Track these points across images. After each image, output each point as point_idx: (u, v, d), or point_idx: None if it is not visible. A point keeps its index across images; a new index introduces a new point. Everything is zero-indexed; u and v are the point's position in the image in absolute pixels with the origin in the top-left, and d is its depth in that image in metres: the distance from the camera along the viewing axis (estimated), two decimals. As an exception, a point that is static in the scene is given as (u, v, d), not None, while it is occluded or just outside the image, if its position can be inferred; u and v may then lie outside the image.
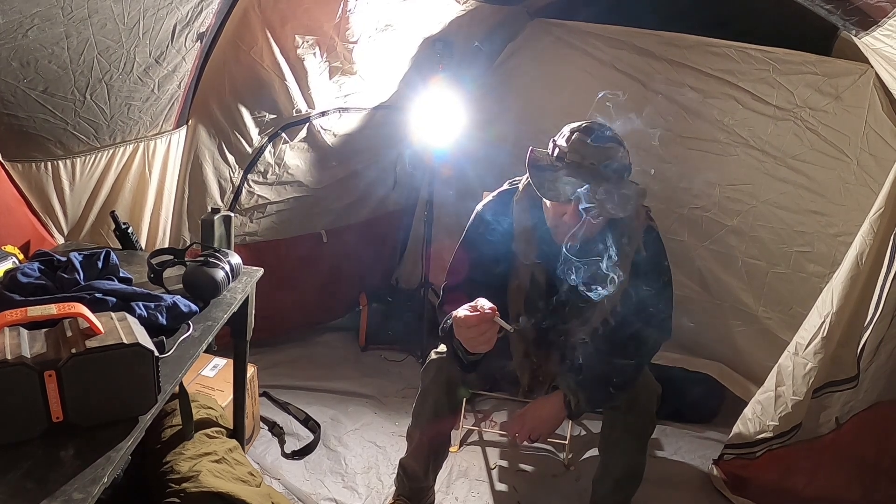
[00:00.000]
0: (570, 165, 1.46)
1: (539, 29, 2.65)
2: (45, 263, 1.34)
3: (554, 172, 1.48)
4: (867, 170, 2.04)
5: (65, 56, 1.41)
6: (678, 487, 2.13)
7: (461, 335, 1.35)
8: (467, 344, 1.36)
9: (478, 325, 1.30)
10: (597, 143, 1.46)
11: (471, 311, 1.31)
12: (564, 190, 1.44)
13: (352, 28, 2.07)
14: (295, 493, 1.97)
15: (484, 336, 1.32)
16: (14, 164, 1.59)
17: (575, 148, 1.46)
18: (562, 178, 1.45)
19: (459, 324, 1.33)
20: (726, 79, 2.29)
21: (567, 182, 1.44)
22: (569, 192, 1.43)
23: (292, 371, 2.60)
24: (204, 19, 1.69)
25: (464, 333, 1.34)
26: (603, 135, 1.48)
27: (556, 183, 1.46)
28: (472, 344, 1.34)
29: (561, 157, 1.49)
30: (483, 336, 1.32)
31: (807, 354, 1.82)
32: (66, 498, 0.85)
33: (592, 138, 1.46)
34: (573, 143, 1.47)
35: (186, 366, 1.18)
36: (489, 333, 1.31)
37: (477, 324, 1.30)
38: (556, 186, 1.45)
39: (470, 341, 1.34)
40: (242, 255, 1.54)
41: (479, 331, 1.31)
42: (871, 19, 1.45)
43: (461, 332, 1.35)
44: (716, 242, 2.47)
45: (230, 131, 2.18)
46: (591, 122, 1.51)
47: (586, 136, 1.47)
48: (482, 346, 1.34)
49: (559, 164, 1.48)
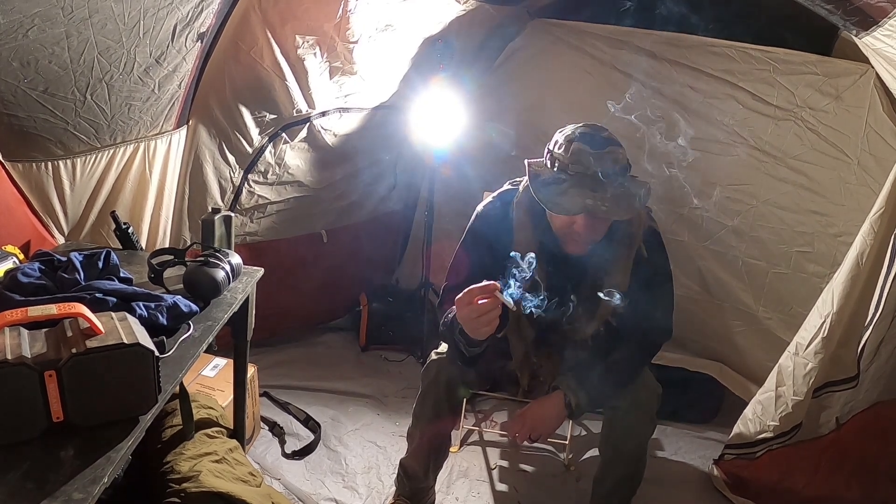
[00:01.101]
0: (575, 177, 1.44)
1: (539, 29, 2.64)
2: (45, 263, 1.34)
3: (559, 186, 1.46)
4: (867, 170, 2.04)
5: (65, 56, 1.41)
6: (678, 487, 2.13)
7: (463, 315, 1.33)
8: (470, 326, 1.33)
9: (481, 301, 1.28)
10: (597, 150, 1.44)
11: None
12: (574, 203, 1.42)
13: (352, 28, 2.07)
14: (295, 493, 1.97)
15: (487, 316, 1.29)
16: (14, 163, 1.59)
17: (577, 159, 1.44)
18: (569, 192, 1.43)
19: (463, 300, 1.31)
20: (727, 79, 2.29)
21: (575, 195, 1.43)
22: (579, 206, 1.42)
23: (292, 371, 2.60)
24: (204, 19, 1.69)
25: (466, 313, 1.31)
26: (600, 138, 1.47)
27: (563, 196, 1.44)
28: (475, 325, 1.32)
29: (563, 169, 1.47)
30: (486, 316, 1.29)
31: (807, 354, 1.82)
32: (66, 498, 0.84)
33: (592, 145, 1.44)
34: (574, 153, 1.45)
35: (187, 366, 1.18)
36: (493, 313, 1.29)
37: (480, 294, 1.28)
38: (564, 200, 1.44)
39: (472, 322, 1.31)
40: (243, 255, 1.55)
41: (482, 309, 1.28)
42: (872, 19, 1.45)
43: (463, 312, 1.32)
44: (716, 242, 2.47)
45: (230, 131, 2.18)
46: (585, 127, 1.49)
47: (585, 144, 1.45)
48: (484, 326, 1.31)
49: (563, 177, 1.46)
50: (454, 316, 1.46)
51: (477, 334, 1.36)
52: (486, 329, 1.32)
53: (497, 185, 1.75)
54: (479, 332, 1.34)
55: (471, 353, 1.46)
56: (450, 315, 1.50)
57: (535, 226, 1.60)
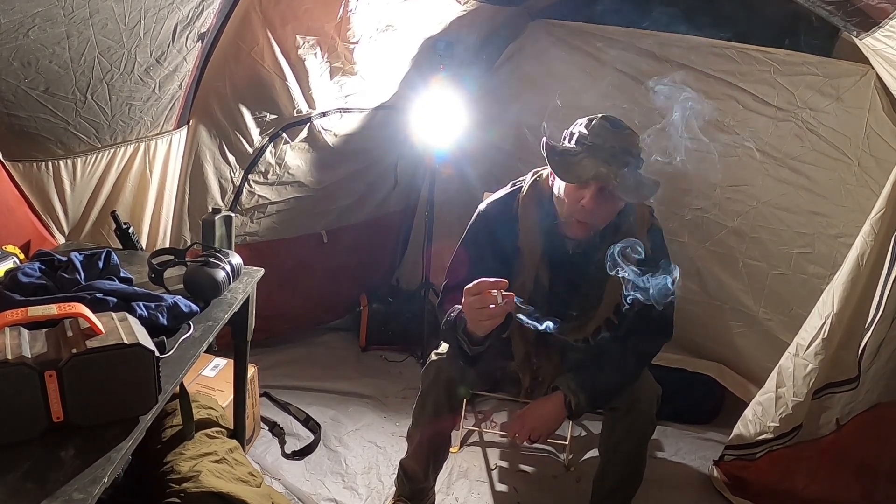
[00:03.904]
0: (592, 147, 1.48)
1: (540, 29, 2.65)
2: (45, 263, 1.34)
3: (574, 156, 1.50)
4: (868, 171, 2.04)
5: (66, 56, 1.41)
6: (678, 488, 2.13)
7: (469, 303, 1.33)
8: (473, 316, 1.34)
9: (491, 291, 1.29)
10: (616, 129, 1.50)
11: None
12: (586, 171, 1.46)
13: (353, 28, 2.07)
14: (295, 493, 1.96)
15: (491, 310, 1.30)
16: (15, 163, 1.59)
17: (597, 132, 1.49)
18: (583, 162, 1.47)
19: (472, 290, 1.32)
20: (727, 80, 2.28)
21: (589, 164, 1.46)
22: (590, 173, 1.45)
23: (293, 371, 2.60)
24: (205, 19, 1.69)
25: (472, 301, 1.32)
26: (621, 123, 1.53)
27: (577, 165, 1.48)
28: (479, 316, 1.32)
29: (581, 142, 1.51)
30: (490, 310, 1.30)
31: (807, 356, 1.82)
32: (66, 498, 0.84)
33: (612, 125, 1.51)
34: (594, 127, 1.51)
35: (187, 366, 1.18)
36: (498, 309, 1.30)
37: (490, 287, 1.30)
38: (576, 168, 1.48)
39: (476, 312, 1.32)
40: (243, 255, 1.54)
41: (489, 300, 1.29)
42: (872, 20, 1.45)
43: (469, 300, 1.33)
44: (716, 244, 2.46)
45: (231, 131, 2.18)
46: (608, 115, 1.55)
47: (607, 122, 1.51)
48: (487, 320, 1.32)
49: (579, 148, 1.50)
50: (457, 315, 1.46)
51: (478, 327, 1.36)
52: (488, 323, 1.33)
53: (497, 185, 1.75)
54: (481, 324, 1.35)
55: (473, 352, 1.47)
56: (452, 314, 1.50)
57: (540, 222, 1.61)
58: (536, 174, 1.69)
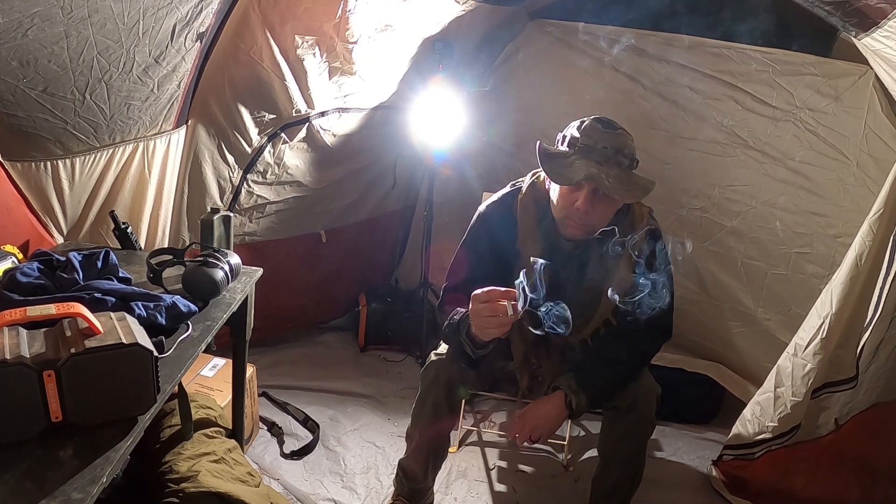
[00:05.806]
0: (583, 149, 1.49)
1: (539, 29, 2.65)
2: (44, 263, 1.33)
3: (566, 158, 1.51)
4: (866, 171, 2.04)
5: (64, 56, 1.41)
6: (677, 488, 2.13)
7: (477, 310, 1.33)
8: (480, 323, 1.34)
9: (501, 301, 1.29)
10: (608, 130, 1.51)
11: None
12: (577, 172, 1.46)
13: (351, 28, 2.07)
14: (294, 493, 1.96)
15: (499, 319, 1.30)
16: (13, 163, 1.59)
17: (588, 133, 1.50)
18: (575, 164, 1.48)
19: (480, 297, 1.32)
20: (726, 80, 2.29)
21: (581, 166, 1.46)
22: (582, 174, 1.45)
23: (291, 371, 2.60)
24: (204, 19, 1.69)
25: (481, 309, 1.32)
26: (613, 124, 1.53)
27: (569, 168, 1.48)
28: (486, 323, 1.33)
29: (573, 144, 1.52)
30: (498, 318, 1.30)
31: (806, 355, 1.82)
32: (64, 498, 0.84)
33: (603, 125, 1.51)
34: (585, 129, 1.51)
35: (185, 366, 1.18)
36: (506, 319, 1.30)
37: (500, 297, 1.29)
38: (568, 170, 1.48)
39: (484, 320, 1.33)
40: (242, 254, 1.54)
41: (497, 309, 1.29)
42: (871, 20, 1.45)
43: (478, 307, 1.33)
44: (715, 243, 2.47)
45: (230, 131, 2.17)
46: (599, 118, 1.55)
47: (598, 123, 1.52)
48: (494, 328, 1.33)
49: (571, 151, 1.51)
50: (461, 317, 1.46)
51: (484, 334, 1.37)
52: (494, 331, 1.34)
53: (496, 185, 1.75)
54: (487, 332, 1.35)
55: (476, 355, 1.47)
56: (455, 317, 1.50)
57: (539, 224, 1.61)
58: (535, 175, 1.69)
